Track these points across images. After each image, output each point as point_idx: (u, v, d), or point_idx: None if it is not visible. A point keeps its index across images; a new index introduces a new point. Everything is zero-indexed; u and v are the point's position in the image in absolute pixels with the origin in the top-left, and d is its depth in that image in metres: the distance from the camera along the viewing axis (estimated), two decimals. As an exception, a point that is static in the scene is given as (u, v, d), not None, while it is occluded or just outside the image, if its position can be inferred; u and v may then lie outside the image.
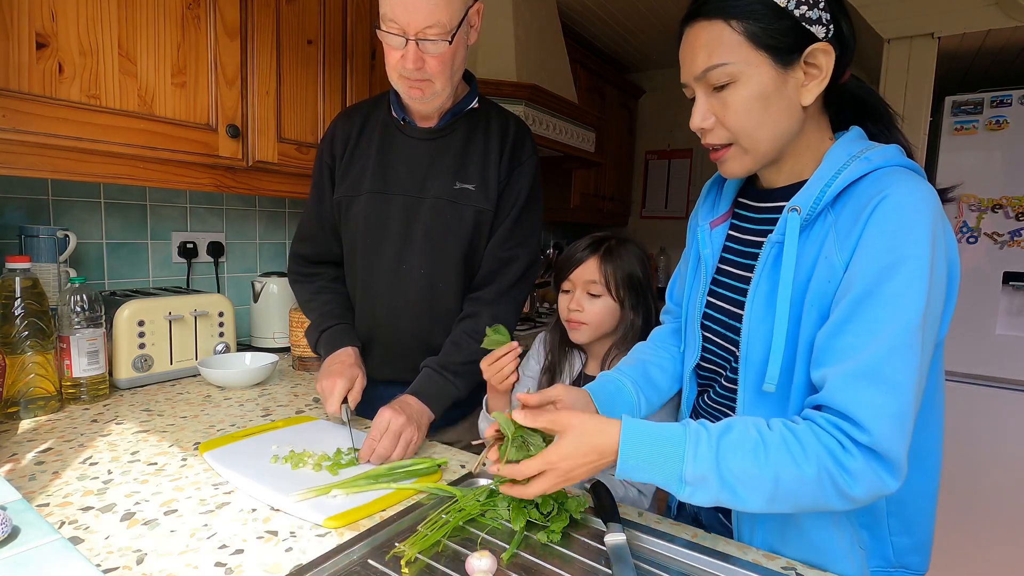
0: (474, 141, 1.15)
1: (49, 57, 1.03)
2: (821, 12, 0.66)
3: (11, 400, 1.04)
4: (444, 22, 0.96)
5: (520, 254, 1.16)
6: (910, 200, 0.62)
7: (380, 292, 1.17)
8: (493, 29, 2.19)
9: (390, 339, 1.19)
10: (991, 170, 2.15)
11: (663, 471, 0.63)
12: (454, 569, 0.65)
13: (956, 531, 2.22)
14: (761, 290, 0.72)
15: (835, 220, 0.67)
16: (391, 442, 0.92)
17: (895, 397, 0.60)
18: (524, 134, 1.19)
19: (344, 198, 1.18)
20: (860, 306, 0.62)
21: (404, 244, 1.14)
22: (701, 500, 0.63)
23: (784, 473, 0.61)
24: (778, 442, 0.62)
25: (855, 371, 0.61)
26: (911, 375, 0.60)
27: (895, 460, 0.60)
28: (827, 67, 0.67)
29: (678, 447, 0.63)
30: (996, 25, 2.03)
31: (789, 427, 0.63)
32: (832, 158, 0.70)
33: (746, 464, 0.61)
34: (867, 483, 0.60)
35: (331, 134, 1.22)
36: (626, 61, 3.58)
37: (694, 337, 0.83)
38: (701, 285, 0.83)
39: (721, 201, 0.85)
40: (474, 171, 1.14)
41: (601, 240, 1.11)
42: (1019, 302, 2.13)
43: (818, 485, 0.61)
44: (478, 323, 1.11)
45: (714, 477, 0.62)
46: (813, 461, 0.60)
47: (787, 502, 0.62)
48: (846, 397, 0.61)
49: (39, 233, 1.26)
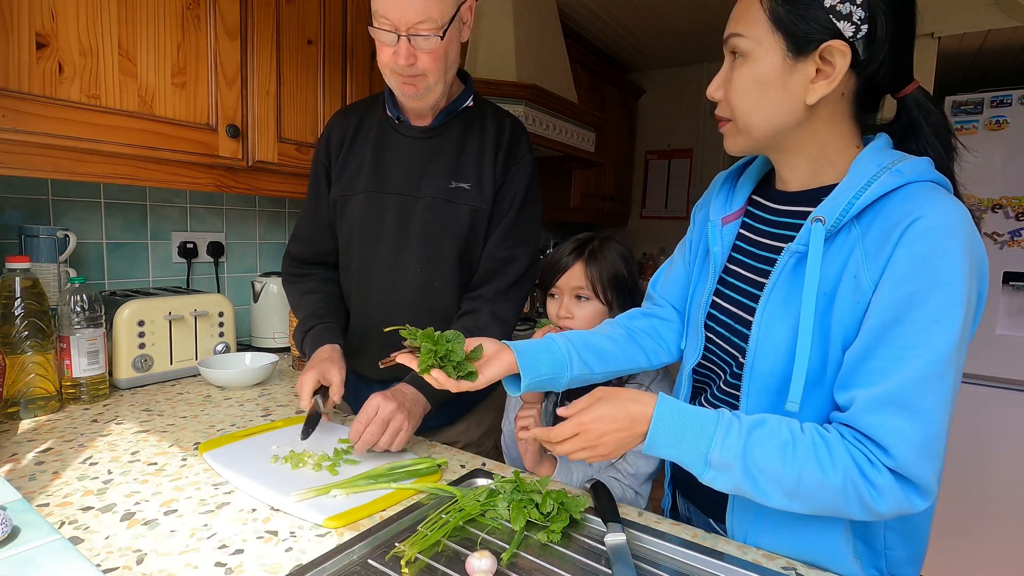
0: (469, 139, 1.15)
1: (49, 57, 1.03)
2: (855, 8, 0.62)
3: (11, 400, 1.04)
4: (435, 17, 0.96)
5: (519, 253, 1.16)
6: (945, 223, 0.60)
7: (375, 291, 1.17)
8: (493, 29, 2.19)
9: (386, 338, 1.19)
10: (991, 170, 2.15)
11: (690, 450, 0.64)
12: (454, 569, 0.65)
13: (956, 531, 2.22)
14: (776, 298, 0.70)
15: (862, 235, 0.64)
16: (378, 428, 0.91)
17: (923, 425, 0.59)
18: (520, 132, 1.19)
19: (340, 197, 1.19)
20: (890, 331, 0.61)
21: (399, 243, 1.14)
22: (722, 485, 0.64)
23: (808, 476, 0.61)
24: (808, 445, 0.62)
25: (883, 396, 0.60)
26: (942, 404, 0.59)
27: (922, 484, 0.60)
28: (840, 68, 0.63)
29: (708, 430, 0.64)
30: (996, 25, 2.03)
31: (821, 433, 0.63)
32: (860, 168, 0.66)
33: (772, 460, 0.62)
34: (893, 500, 0.60)
35: (327, 134, 1.22)
36: (626, 61, 3.58)
37: (696, 336, 0.81)
38: (708, 283, 0.80)
39: (735, 197, 0.82)
40: (470, 170, 1.14)
41: (584, 243, 1.10)
42: (1019, 302, 2.13)
43: (842, 494, 0.61)
44: (477, 319, 1.10)
45: (738, 466, 0.62)
46: (840, 470, 0.60)
47: (807, 503, 0.63)
48: (872, 421, 0.60)
49: (39, 233, 1.26)
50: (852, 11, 0.62)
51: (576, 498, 0.76)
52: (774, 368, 0.69)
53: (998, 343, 2.16)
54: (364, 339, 1.21)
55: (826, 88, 0.65)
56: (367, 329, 1.20)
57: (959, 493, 2.22)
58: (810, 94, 0.65)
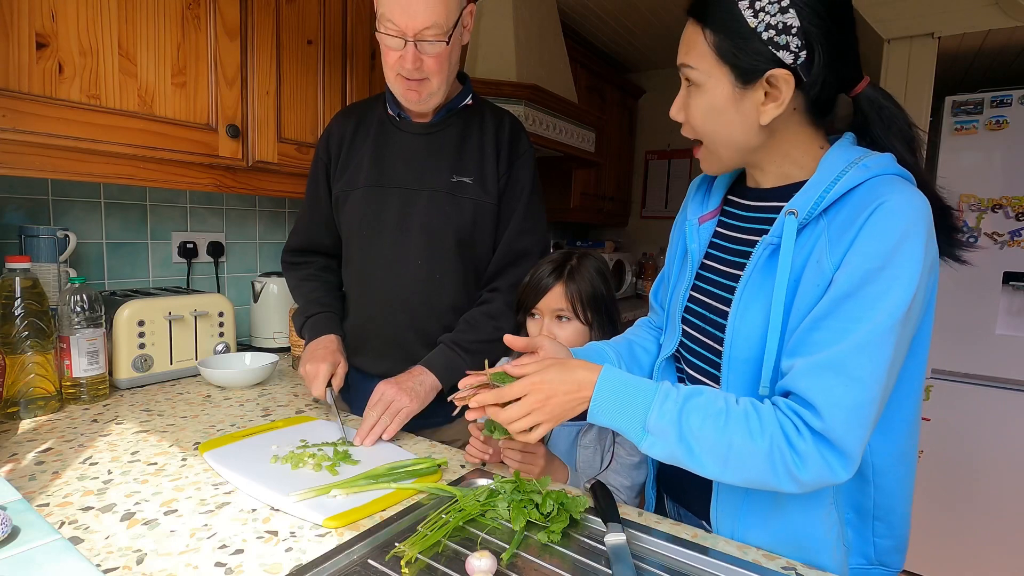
0: (470, 136, 1.17)
1: (49, 57, 1.03)
2: (791, 38, 0.65)
3: (11, 400, 1.04)
4: (441, 23, 0.99)
5: (532, 247, 1.19)
6: (907, 209, 0.63)
7: (377, 285, 1.18)
8: (493, 29, 2.19)
9: (387, 332, 1.20)
10: (991, 170, 2.15)
11: (628, 417, 0.68)
12: (454, 569, 0.65)
13: (956, 531, 2.22)
14: (750, 289, 0.72)
15: (828, 224, 0.68)
16: (378, 413, 0.99)
17: (855, 390, 0.61)
18: (519, 129, 1.22)
19: (341, 194, 1.20)
20: (840, 305, 0.63)
21: (401, 237, 1.15)
22: (659, 452, 0.67)
23: (737, 443, 0.64)
24: (740, 414, 0.65)
25: (821, 362, 0.63)
26: (876, 373, 0.61)
27: (847, 450, 0.61)
28: (786, 93, 0.67)
29: (647, 397, 0.68)
30: (996, 25, 2.03)
31: (754, 404, 0.66)
32: (828, 164, 0.70)
33: (705, 426, 0.65)
34: (815, 468, 0.62)
35: (328, 132, 1.25)
36: (626, 61, 3.58)
37: (674, 329, 0.85)
38: (686, 279, 0.83)
39: (711, 198, 0.86)
40: (471, 165, 1.16)
41: (563, 263, 1.09)
42: (1019, 302, 2.13)
43: (768, 461, 0.63)
44: (492, 307, 1.15)
45: (674, 432, 0.65)
46: (767, 437, 0.63)
47: (738, 472, 0.65)
48: (807, 384, 0.63)
49: (39, 233, 1.26)
50: (788, 41, 0.65)
51: (576, 498, 0.76)
52: (749, 355, 0.72)
53: (998, 343, 2.16)
54: (364, 334, 1.22)
55: (776, 110, 0.68)
56: (367, 323, 1.21)
57: (959, 493, 2.22)
58: (763, 116, 0.69)
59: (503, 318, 1.14)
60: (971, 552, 2.20)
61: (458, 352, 1.11)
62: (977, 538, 2.19)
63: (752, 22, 0.65)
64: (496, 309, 1.14)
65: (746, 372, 0.72)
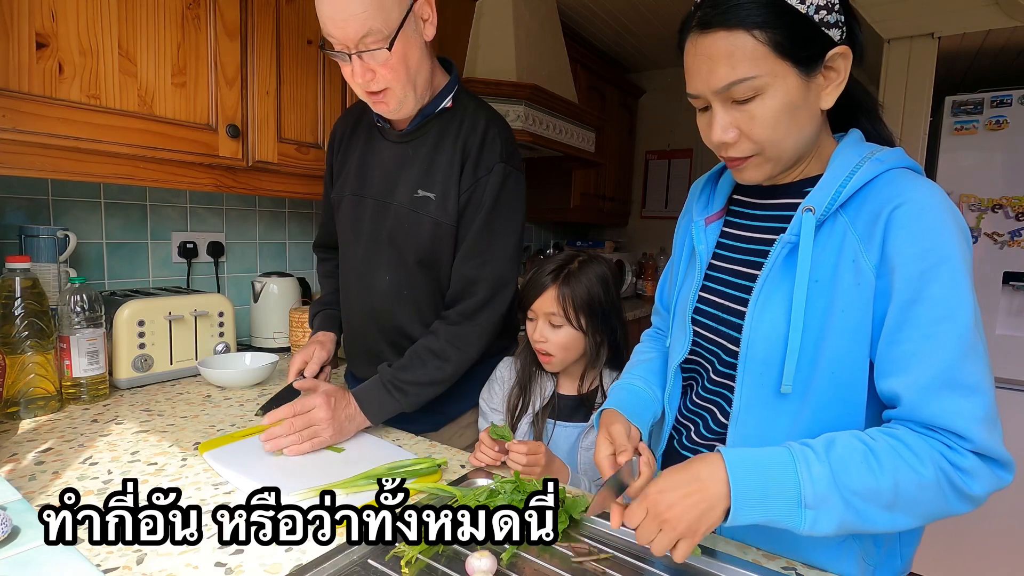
0: (443, 147, 1.07)
1: (49, 57, 1.02)
2: (837, 15, 0.66)
3: (11, 400, 1.04)
4: (379, 28, 0.91)
5: (483, 276, 1.06)
6: (932, 202, 0.64)
7: (353, 296, 1.19)
8: (493, 29, 2.19)
9: (364, 342, 1.21)
10: (991, 170, 2.14)
11: (780, 498, 0.58)
12: (454, 569, 0.65)
13: (956, 530, 2.22)
14: (768, 288, 0.71)
15: (851, 221, 0.68)
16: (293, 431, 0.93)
17: (979, 398, 0.60)
18: (493, 137, 1.06)
19: (335, 198, 1.21)
20: (910, 311, 0.63)
21: (373, 248, 1.13)
22: (824, 527, 0.58)
23: (903, 480, 0.59)
24: (888, 449, 0.60)
25: (931, 383, 0.61)
26: (985, 371, 0.61)
27: (1001, 456, 0.61)
28: (845, 70, 0.67)
29: (789, 468, 0.59)
30: (996, 25, 2.03)
31: (891, 433, 0.62)
32: (842, 159, 0.70)
33: (862, 475, 0.58)
34: (984, 480, 0.60)
35: (332, 132, 1.27)
36: (626, 61, 3.58)
37: (683, 332, 0.82)
38: (695, 280, 0.82)
39: (716, 198, 0.85)
40: (439, 178, 1.06)
41: (563, 265, 1.07)
42: (1019, 302, 2.13)
43: (937, 488, 0.59)
44: (431, 343, 1.06)
45: (835, 496, 0.58)
46: (928, 463, 0.59)
47: (907, 512, 0.60)
48: (932, 411, 0.61)
49: (39, 233, 1.26)
50: (836, 19, 0.66)
51: (576, 498, 0.76)
52: (767, 355, 0.71)
53: (998, 343, 2.16)
54: (351, 340, 1.25)
55: (838, 90, 0.68)
56: (351, 329, 1.24)
57: (959, 493, 2.22)
58: (824, 100, 0.69)
59: (446, 356, 1.05)
60: (971, 552, 2.20)
61: (392, 393, 1.03)
62: (977, 537, 2.19)
63: (801, 8, 0.64)
64: (440, 347, 1.05)
65: (764, 373, 0.71)
